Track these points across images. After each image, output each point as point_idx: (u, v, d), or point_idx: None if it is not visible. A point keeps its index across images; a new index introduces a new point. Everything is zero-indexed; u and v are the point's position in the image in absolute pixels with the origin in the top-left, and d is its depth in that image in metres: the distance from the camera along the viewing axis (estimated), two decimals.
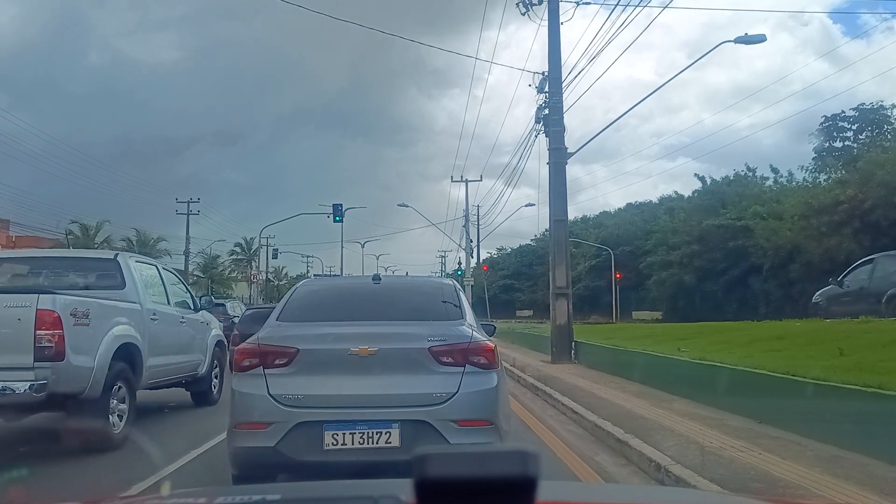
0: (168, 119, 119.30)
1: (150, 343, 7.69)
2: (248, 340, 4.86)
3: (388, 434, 4.29)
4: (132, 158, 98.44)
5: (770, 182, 43.17)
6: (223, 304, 26.22)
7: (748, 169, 44.20)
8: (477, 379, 4.48)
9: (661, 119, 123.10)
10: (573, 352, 15.05)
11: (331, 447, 4.27)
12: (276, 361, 4.47)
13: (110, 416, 6.64)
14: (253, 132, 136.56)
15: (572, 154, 15.92)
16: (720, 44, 15.90)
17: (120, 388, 6.87)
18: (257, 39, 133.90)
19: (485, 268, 60.00)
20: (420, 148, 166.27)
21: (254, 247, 65.56)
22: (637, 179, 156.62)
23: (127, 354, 7.03)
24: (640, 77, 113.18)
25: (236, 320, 16.66)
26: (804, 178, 38.55)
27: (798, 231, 33.94)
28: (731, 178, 44.52)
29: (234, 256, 69.35)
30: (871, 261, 15.93)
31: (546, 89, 15.86)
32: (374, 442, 4.28)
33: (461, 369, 4.47)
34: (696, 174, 49.15)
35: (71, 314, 6.19)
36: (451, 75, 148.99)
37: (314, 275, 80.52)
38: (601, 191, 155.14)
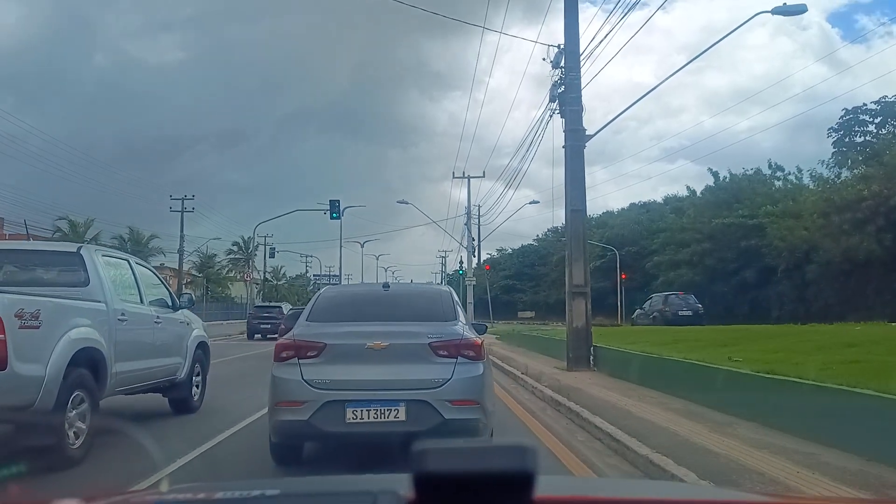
0: (171, 120, 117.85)
1: (118, 346, 6.95)
2: (284, 336, 6.02)
3: (396, 411, 5.25)
4: (135, 158, 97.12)
5: (780, 183, 41.46)
6: (279, 306, 31.31)
7: (770, 166, 42.44)
8: (467, 368, 5.44)
9: (661, 122, 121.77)
10: (592, 358, 13.34)
11: (351, 420, 5.24)
12: (308, 353, 5.46)
13: (68, 430, 5.85)
14: (256, 133, 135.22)
15: (591, 136, 14.21)
16: (757, 14, 14.28)
17: (80, 398, 6.09)
18: (261, 41, 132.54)
19: (487, 267, 58.27)
20: (421, 149, 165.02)
21: (251, 246, 63.70)
22: (637, 181, 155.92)
23: (88, 360, 6.29)
24: (641, 80, 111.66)
25: None
26: (823, 175, 36.87)
27: (816, 229, 32.32)
28: (742, 175, 42.79)
29: (231, 255, 67.55)
30: (650, 297, 33.66)
31: (562, 64, 14.14)
32: (385, 417, 5.23)
33: (454, 360, 5.42)
34: (709, 168, 47.13)
35: (16, 315, 5.44)
36: (453, 78, 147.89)
37: (314, 275, 79.19)
38: (600, 192, 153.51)
